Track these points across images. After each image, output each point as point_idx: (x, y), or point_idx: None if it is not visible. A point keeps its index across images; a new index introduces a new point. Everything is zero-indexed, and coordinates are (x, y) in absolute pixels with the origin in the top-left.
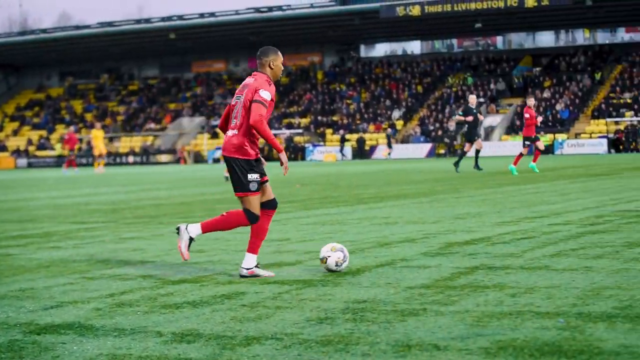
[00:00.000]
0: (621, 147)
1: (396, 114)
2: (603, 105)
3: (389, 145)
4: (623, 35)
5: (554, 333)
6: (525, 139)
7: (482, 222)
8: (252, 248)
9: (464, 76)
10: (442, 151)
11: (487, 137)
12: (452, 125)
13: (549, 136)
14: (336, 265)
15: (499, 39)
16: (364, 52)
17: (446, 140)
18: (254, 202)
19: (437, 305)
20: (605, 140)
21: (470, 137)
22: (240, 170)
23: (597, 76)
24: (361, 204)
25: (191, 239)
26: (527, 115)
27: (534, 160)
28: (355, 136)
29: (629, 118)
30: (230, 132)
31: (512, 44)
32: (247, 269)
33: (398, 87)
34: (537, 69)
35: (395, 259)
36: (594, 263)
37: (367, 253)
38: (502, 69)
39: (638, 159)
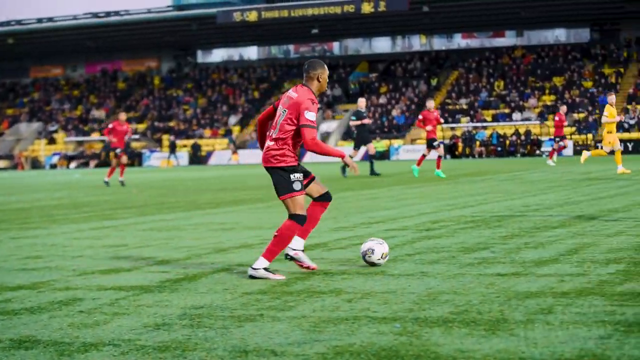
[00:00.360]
0: (457, 152)
1: (233, 119)
2: (439, 111)
3: (235, 151)
4: (459, 41)
5: (390, 338)
6: (429, 141)
7: (319, 228)
8: (303, 235)
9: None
10: None
11: (324, 142)
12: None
13: (385, 142)
14: (382, 257)
15: (335, 45)
16: (201, 57)
17: None
18: (299, 202)
19: (274, 310)
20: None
21: (362, 142)
22: (282, 174)
23: (434, 82)
24: (198, 209)
25: (267, 269)
26: (420, 117)
27: (438, 167)
28: (191, 142)
29: (464, 124)
30: (269, 143)
31: (349, 50)
32: (294, 249)
33: (235, 93)
34: (374, 74)
35: (232, 265)
36: (430, 268)
37: (204, 259)
38: (339, 75)
39: (473, 165)
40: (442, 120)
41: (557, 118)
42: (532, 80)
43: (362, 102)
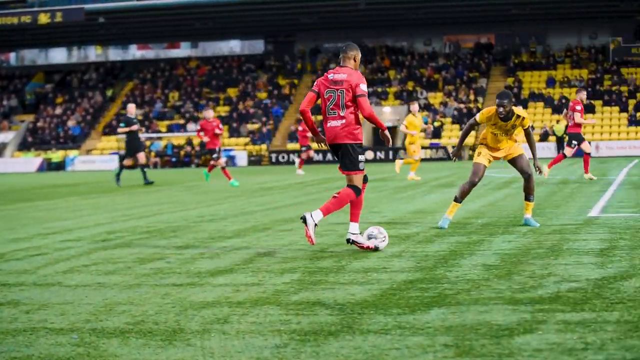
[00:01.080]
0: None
1: None
2: (114, 122)
3: None
4: (135, 52)
5: (68, 349)
6: (210, 151)
7: None
8: (355, 217)
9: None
10: None
11: (1, 153)
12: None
13: (61, 152)
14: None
15: (12, 55)
16: None
17: None
18: (359, 179)
19: None
20: (116, 157)
21: (133, 149)
22: (353, 152)
23: (109, 93)
24: None
25: (315, 225)
26: (199, 127)
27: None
28: None
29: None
30: (335, 122)
31: (25, 60)
32: (354, 233)
33: None
34: (50, 85)
35: None
36: (107, 279)
37: None
38: (15, 86)
39: (150, 176)
40: (222, 129)
41: (300, 128)
42: (207, 91)
43: (131, 107)
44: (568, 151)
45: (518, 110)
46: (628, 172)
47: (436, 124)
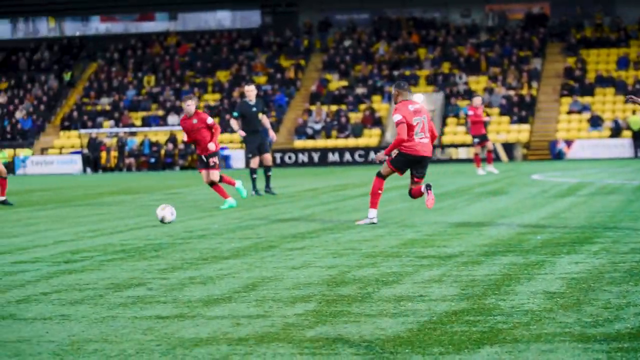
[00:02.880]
0: (104, 165)
1: None
2: (75, 113)
3: None
4: (98, 25)
5: None
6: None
7: None
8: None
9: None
10: None
11: None
12: None
13: (8, 152)
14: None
15: None
16: None
17: None
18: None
19: None
20: (79, 157)
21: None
22: (429, 163)
23: (67, 76)
24: None
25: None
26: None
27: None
28: None
29: (108, 129)
30: (425, 140)
31: None
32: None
33: None
34: None
35: None
36: (72, 310)
37: None
38: None
39: (121, 180)
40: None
41: (470, 112)
42: (190, 74)
43: (249, 90)
44: None
45: None
46: None
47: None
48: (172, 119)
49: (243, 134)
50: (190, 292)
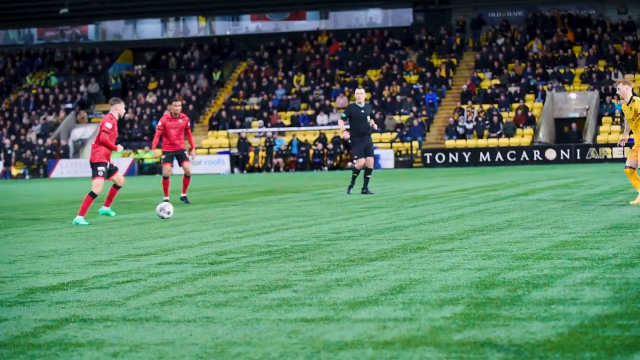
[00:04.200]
0: (249, 165)
1: None
2: (224, 113)
3: None
4: (248, 24)
5: None
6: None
7: (73, 262)
8: None
9: (47, 75)
10: (20, 171)
11: (78, 152)
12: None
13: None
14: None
15: (90, 29)
16: None
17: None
18: None
19: None
20: (227, 157)
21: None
22: None
23: (216, 76)
24: None
25: None
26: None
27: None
28: None
29: (256, 129)
30: None
31: (107, 35)
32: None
33: None
34: (140, 66)
35: None
36: (217, 312)
37: None
38: (95, 67)
39: (269, 181)
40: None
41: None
42: (340, 73)
43: (359, 93)
44: None
45: None
46: None
47: None
48: (321, 118)
49: (348, 135)
50: (336, 294)
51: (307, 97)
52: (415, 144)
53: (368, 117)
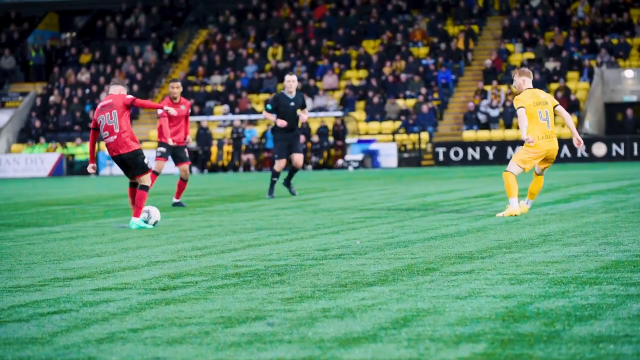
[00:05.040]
0: (210, 163)
1: None
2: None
3: None
4: None
5: None
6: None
7: None
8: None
9: None
10: None
11: None
12: None
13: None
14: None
15: None
16: None
17: None
18: None
19: None
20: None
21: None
22: None
23: (168, 47)
24: None
25: None
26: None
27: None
28: None
29: (220, 116)
30: None
31: None
32: None
33: None
34: (69, 34)
35: None
36: (169, 352)
37: None
38: (10, 35)
39: (238, 183)
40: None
41: None
42: (328, 45)
43: (289, 80)
44: None
45: None
46: None
47: None
48: (306, 102)
49: (284, 123)
50: (322, 328)
51: (285, 75)
52: (425, 136)
53: (298, 111)
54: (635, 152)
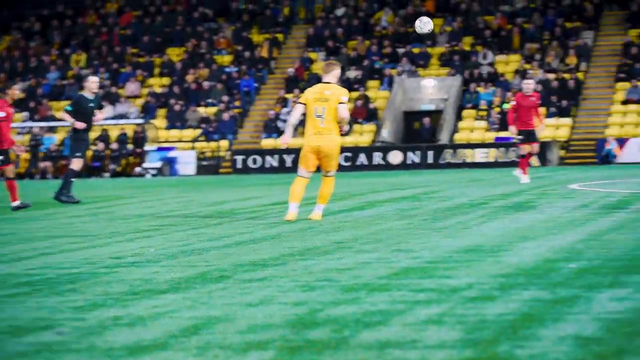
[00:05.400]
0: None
1: None
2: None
3: None
4: None
5: None
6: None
7: None
8: None
9: None
10: None
11: None
12: None
13: None
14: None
15: None
16: None
17: None
18: None
19: None
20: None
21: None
22: None
23: None
24: None
25: None
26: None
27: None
28: None
29: (19, 123)
30: None
31: None
32: None
33: None
34: None
35: None
36: None
37: None
38: None
39: (31, 191)
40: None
41: (514, 102)
42: (132, 52)
43: (91, 81)
44: None
45: None
46: None
47: (506, 105)
48: (110, 110)
49: (83, 125)
50: (112, 336)
51: (88, 76)
52: (225, 143)
53: (96, 111)
54: (431, 160)
